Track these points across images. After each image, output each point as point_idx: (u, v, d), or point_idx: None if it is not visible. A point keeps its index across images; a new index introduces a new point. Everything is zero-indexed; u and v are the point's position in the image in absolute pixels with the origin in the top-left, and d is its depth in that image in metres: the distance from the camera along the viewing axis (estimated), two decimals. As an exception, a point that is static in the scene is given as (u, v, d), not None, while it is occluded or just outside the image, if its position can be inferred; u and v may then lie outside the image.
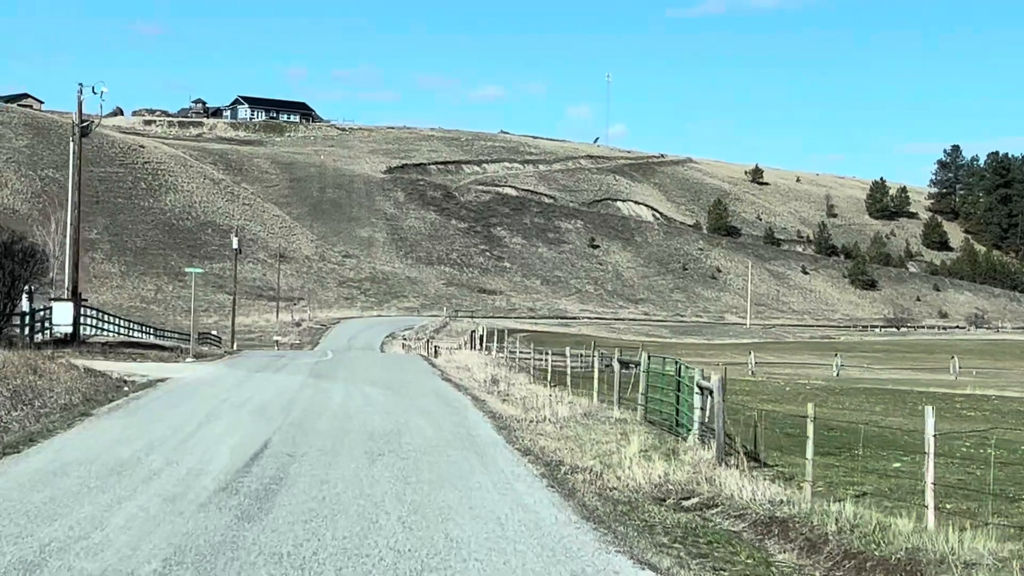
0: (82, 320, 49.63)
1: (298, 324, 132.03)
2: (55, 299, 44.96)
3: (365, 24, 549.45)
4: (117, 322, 62.05)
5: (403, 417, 23.60)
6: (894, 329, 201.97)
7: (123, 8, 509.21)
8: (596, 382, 30.06)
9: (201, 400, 25.91)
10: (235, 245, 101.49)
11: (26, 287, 41.76)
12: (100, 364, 34.36)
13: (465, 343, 60.34)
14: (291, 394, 28.36)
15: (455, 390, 32.73)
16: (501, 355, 49.94)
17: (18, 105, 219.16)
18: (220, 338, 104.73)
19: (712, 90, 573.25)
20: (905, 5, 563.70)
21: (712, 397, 20.09)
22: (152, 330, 71.85)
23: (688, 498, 16.66)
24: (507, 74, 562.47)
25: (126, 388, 28.55)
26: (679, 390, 23.11)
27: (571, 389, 33.20)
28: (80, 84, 43.96)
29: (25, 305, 41.73)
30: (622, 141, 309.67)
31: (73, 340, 42.97)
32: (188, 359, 42.35)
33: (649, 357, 25.16)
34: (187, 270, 48.62)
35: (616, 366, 27.71)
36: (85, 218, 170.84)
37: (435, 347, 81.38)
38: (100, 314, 57.73)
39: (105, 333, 54.14)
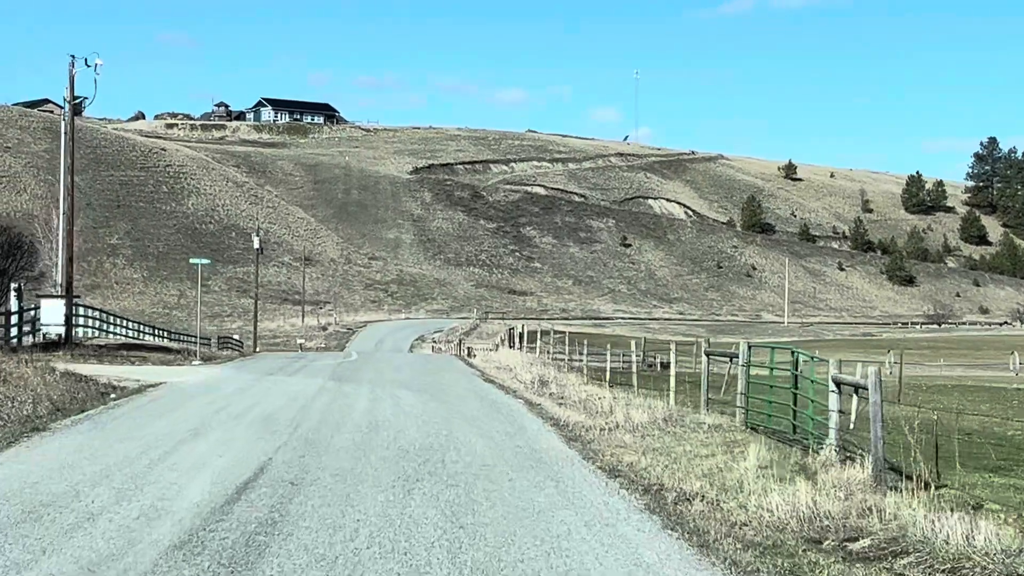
0: (83, 321, 45.03)
1: (324, 328, 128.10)
2: (43, 296, 40.23)
3: (387, 30, 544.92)
4: (125, 324, 57.34)
5: (444, 427, 18.67)
6: (935, 326, 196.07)
7: (150, 17, 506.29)
8: (673, 380, 25.03)
9: (193, 409, 21.02)
10: (256, 244, 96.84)
11: (13, 284, 37.05)
12: (90, 368, 29.75)
13: (502, 341, 55.22)
14: (304, 401, 23.41)
15: (501, 392, 27.76)
16: (545, 355, 44.98)
17: (39, 111, 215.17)
18: (242, 342, 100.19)
19: (738, 89, 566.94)
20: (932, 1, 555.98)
21: (856, 397, 15.31)
22: (166, 333, 67.14)
23: (855, 539, 11.70)
24: (531, 77, 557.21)
25: (112, 395, 23.80)
26: (797, 387, 18.12)
27: (637, 389, 28.26)
28: (72, 56, 39.25)
29: (13, 304, 37.03)
30: (649, 141, 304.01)
31: (67, 342, 38.21)
32: (195, 362, 37.56)
33: (750, 347, 20.15)
34: (192, 261, 43.83)
35: (704, 360, 22.64)
36: (106, 223, 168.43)
37: (468, 348, 76.46)
38: (104, 315, 53.03)
39: (110, 335, 49.44)
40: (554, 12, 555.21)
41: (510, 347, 51.08)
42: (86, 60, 39.37)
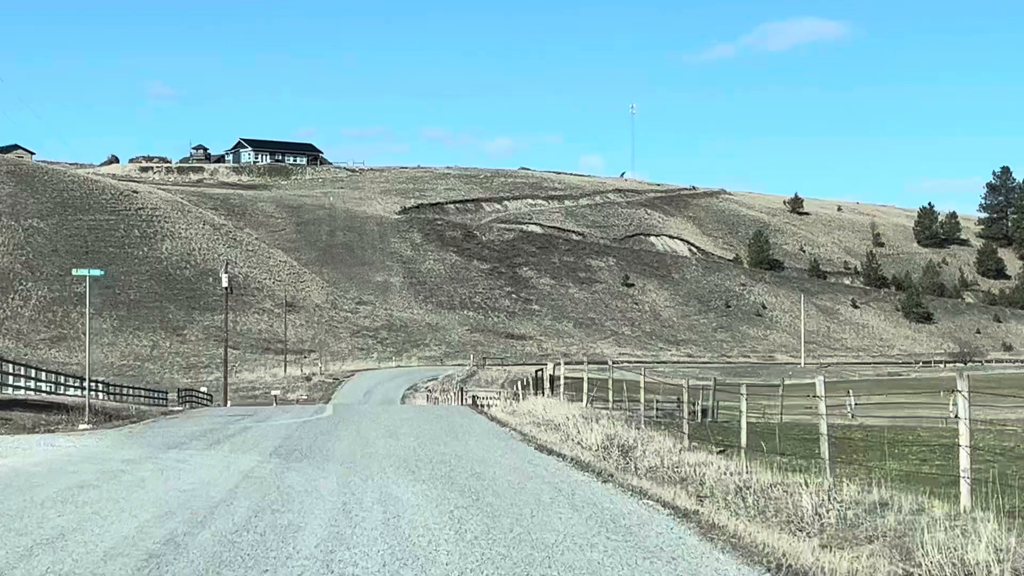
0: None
1: (308, 378, 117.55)
2: None
3: (374, 85, 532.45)
4: (36, 375, 44.54)
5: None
6: (960, 364, 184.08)
7: (132, 66, 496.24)
8: (966, 437, 12.35)
9: None
10: (225, 282, 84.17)
11: None
12: None
13: (523, 387, 42.40)
14: (184, 521, 10.59)
15: (589, 478, 14.87)
16: (595, 404, 32.39)
17: (5, 156, 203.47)
18: (211, 396, 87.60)
19: (731, 129, 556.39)
20: (925, 32, 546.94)
21: None
22: (104, 387, 54.17)
23: None
24: (520, 123, 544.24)
25: None
26: None
27: (829, 464, 15.63)
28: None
29: None
30: (647, 179, 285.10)
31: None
32: (82, 425, 24.78)
33: None
34: (77, 272, 31.58)
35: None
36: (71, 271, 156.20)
37: (473, 396, 64.27)
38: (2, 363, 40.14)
39: (8, 388, 36.67)
40: (541, 59, 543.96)
41: (537, 394, 38.33)
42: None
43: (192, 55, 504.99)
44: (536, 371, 40.82)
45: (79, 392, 48.72)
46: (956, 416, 47.50)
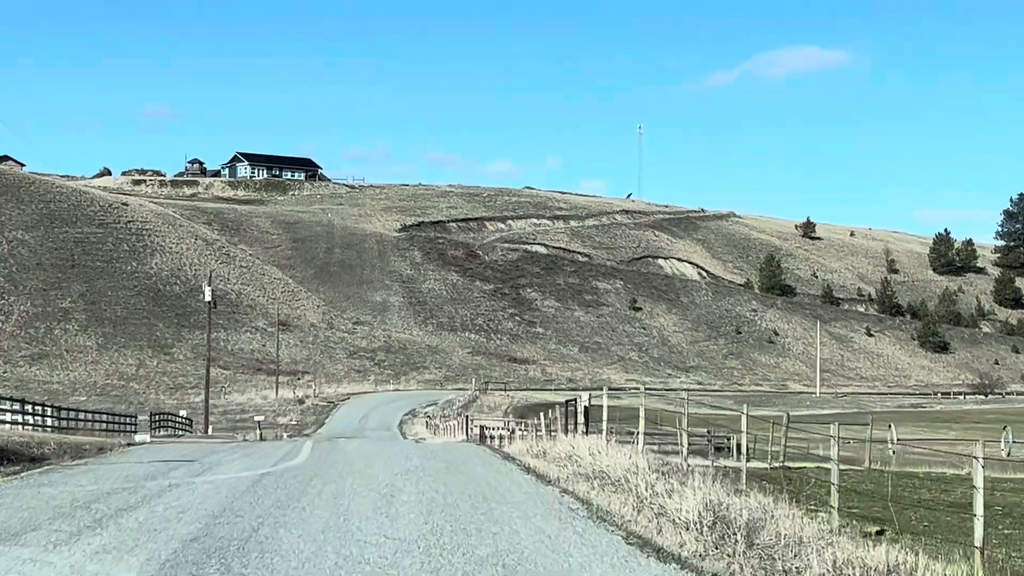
0: None
1: (301, 401, 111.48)
2: None
3: (373, 106, 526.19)
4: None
5: None
6: (981, 396, 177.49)
7: (134, 91, 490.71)
8: None
9: None
10: (208, 297, 76.72)
11: None
12: None
13: (553, 421, 34.84)
14: None
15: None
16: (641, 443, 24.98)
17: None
18: (191, 420, 79.99)
19: (735, 156, 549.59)
20: (927, 60, 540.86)
21: None
22: (51, 410, 46.60)
23: None
24: (520, 149, 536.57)
25: None
26: None
27: None
28: None
29: None
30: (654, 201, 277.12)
31: None
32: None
33: None
34: None
35: None
36: (57, 285, 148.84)
37: (481, 427, 56.76)
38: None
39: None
40: (541, 85, 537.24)
41: (569, 430, 30.71)
42: None
43: (192, 73, 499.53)
44: (566, 402, 33.11)
45: (18, 418, 41.14)
46: (1009, 455, 39.21)
